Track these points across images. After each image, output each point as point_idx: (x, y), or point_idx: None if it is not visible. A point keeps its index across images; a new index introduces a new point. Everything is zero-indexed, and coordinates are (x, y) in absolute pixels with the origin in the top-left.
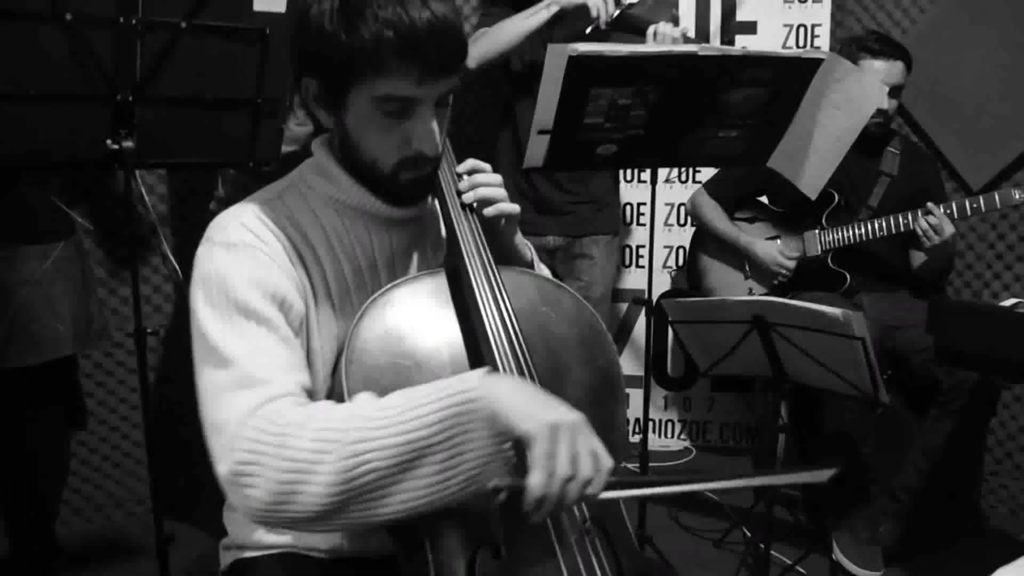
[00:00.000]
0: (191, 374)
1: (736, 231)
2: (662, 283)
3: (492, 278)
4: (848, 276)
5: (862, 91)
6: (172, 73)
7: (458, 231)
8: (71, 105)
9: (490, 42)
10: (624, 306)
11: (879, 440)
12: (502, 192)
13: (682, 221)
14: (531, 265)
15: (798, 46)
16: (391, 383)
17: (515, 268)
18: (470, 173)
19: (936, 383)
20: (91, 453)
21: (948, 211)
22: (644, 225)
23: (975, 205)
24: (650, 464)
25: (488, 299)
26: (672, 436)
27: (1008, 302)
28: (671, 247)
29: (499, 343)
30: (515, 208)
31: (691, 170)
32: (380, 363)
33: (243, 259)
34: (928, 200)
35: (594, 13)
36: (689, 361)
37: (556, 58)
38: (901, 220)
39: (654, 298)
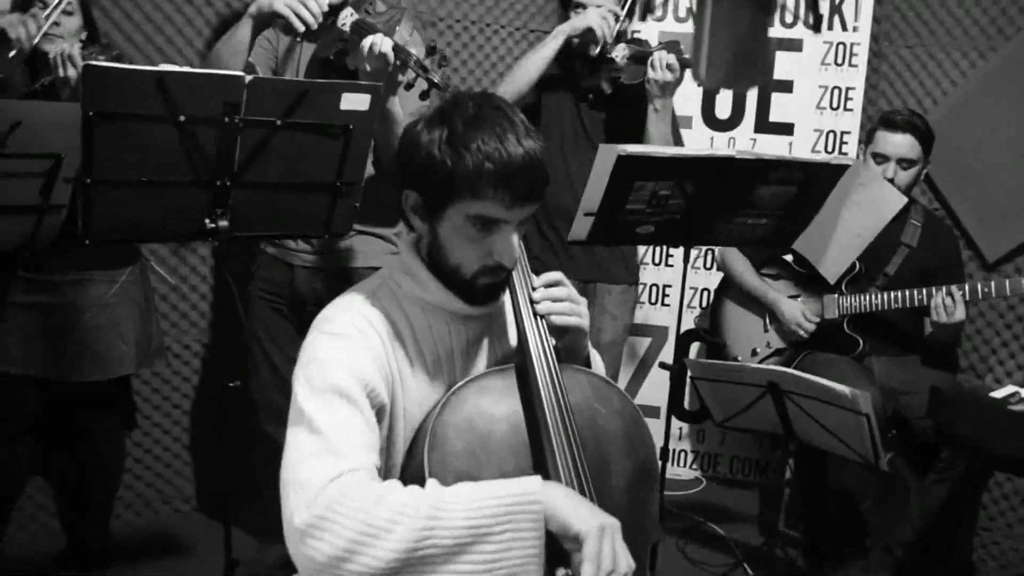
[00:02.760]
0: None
1: (764, 286)
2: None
3: (554, 378)
4: (862, 341)
5: (883, 197)
6: (265, 162)
7: (528, 335)
8: (177, 189)
9: (513, 83)
10: (647, 341)
11: (878, 497)
12: (575, 308)
13: (708, 265)
14: (588, 361)
15: (827, 151)
16: (464, 468)
17: (573, 366)
18: (548, 286)
19: (936, 448)
20: (145, 453)
21: (960, 291)
22: (672, 266)
23: (986, 290)
24: (664, 493)
25: (550, 396)
26: (684, 465)
27: (1003, 391)
28: (696, 288)
29: (557, 436)
30: (583, 323)
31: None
32: (456, 449)
33: (343, 348)
34: (944, 274)
35: (599, 33)
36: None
37: (606, 156)
38: (917, 295)
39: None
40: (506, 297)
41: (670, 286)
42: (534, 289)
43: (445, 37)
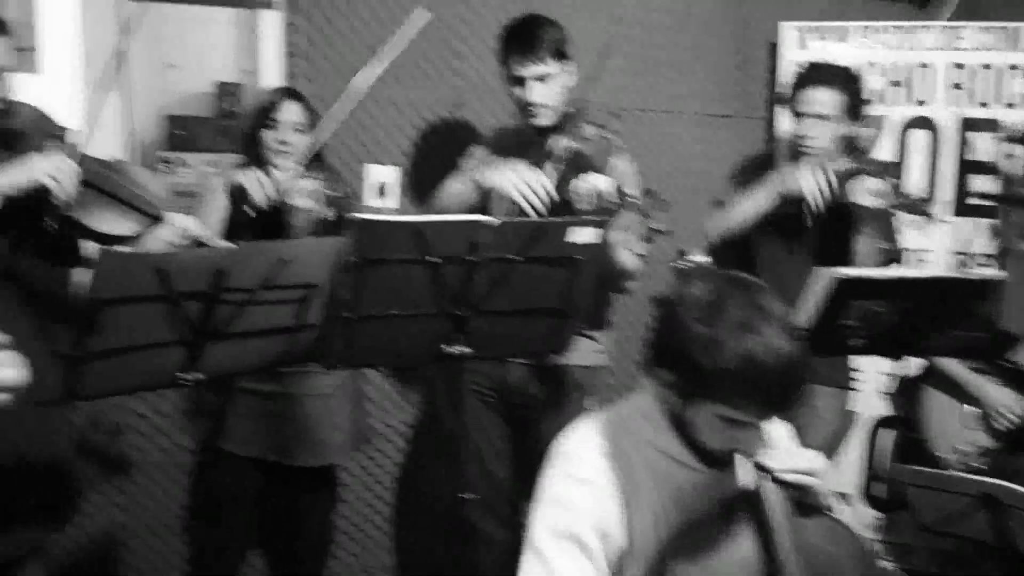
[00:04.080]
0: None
1: (968, 372)
2: (877, 405)
3: (786, 525)
4: None
5: None
6: (500, 291)
7: (764, 496)
8: (422, 320)
9: (723, 225)
10: None
11: None
12: (813, 468)
13: None
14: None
15: None
16: None
17: (807, 512)
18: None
19: None
20: (352, 526)
21: None
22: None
23: None
24: None
25: (785, 549)
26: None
27: None
28: (891, 375)
29: None
30: (819, 483)
31: None
32: None
33: (587, 495)
34: None
35: (811, 201)
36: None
37: (822, 278)
38: None
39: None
40: None
41: (858, 371)
42: (771, 451)
43: (628, 126)
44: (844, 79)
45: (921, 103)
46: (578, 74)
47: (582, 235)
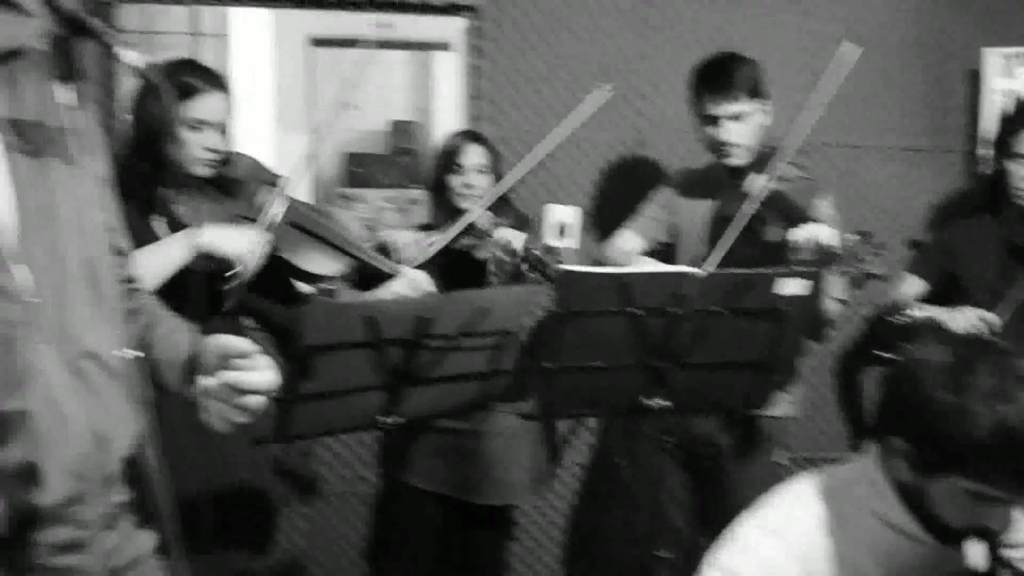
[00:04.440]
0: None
1: None
2: None
3: None
4: None
5: None
6: (703, 344)
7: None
8: (621, 371)
9: None
10: None
11: None
12: None
13: None
14: None
15: None
16: None
17: None
18: None
19: None
20: (521, 564)
21: None
22: None
23: None
24: None
25: None
26: None
27: None
28: None
29: None
30: None
31: None
32: None
33: (790, 558)
34: None
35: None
36: None
37: None
38: None
39: None
40: None
41: None
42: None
43: (813, 161)
44: None
45: None
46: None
47: (791, 286)
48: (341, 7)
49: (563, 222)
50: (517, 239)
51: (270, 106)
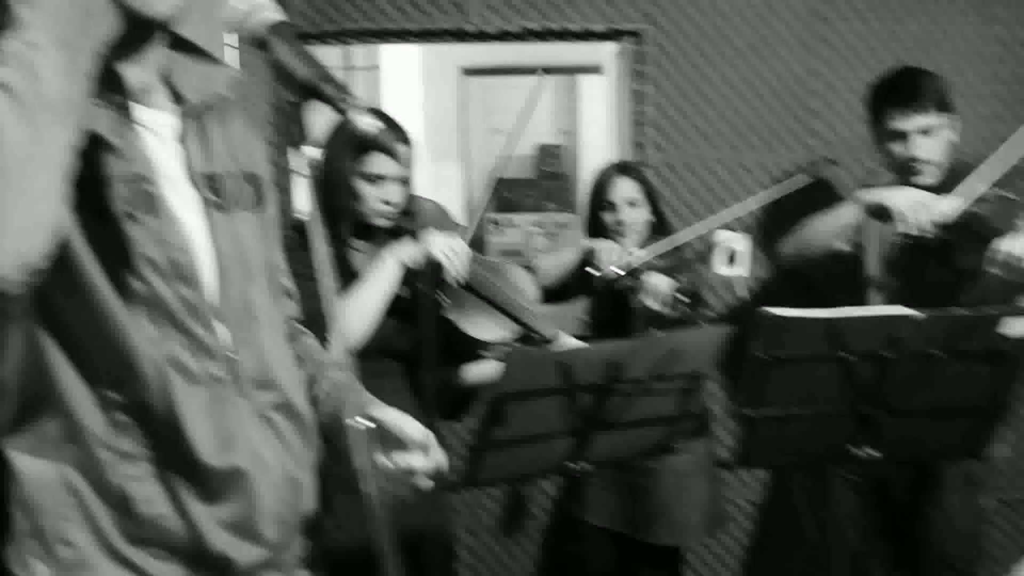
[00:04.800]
0: None
1: None
2: None
3: None
4: None
5: None
6: (918, 390)
7: None
8: (827, 419)
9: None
10: None
11: None
12: None
13: None
14: None
15: None
16: None
17: None
18: None
19: None
20: None
21: None
22: None
23: None
24: None
25: None
26: None
27: None
28: None
29: None
30: None
31: None
32: None
33: None
34: None
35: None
36: None
37: None
38: None
39: None
40: None
41: None
42: None
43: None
44: None
45: None
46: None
47: (1020, 327)
48: (501, 39)
49: (733, 249)
50: (664, 285)
51: (421, 137)
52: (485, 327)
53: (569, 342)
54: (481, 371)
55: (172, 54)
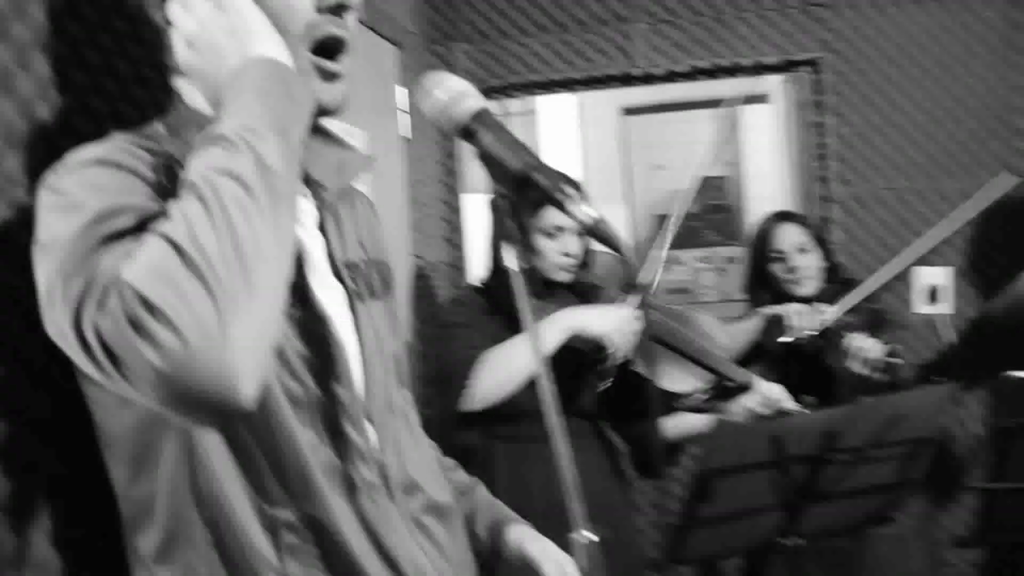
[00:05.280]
0: None
1: None
2: None
3: None
4: None
5: None
6: None
7: None
8: None
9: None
10: None
11: None
12: None
13: None
14: None
15: None
16: None
17: None
18: None
19: None
20: None
21: None
22: None
23: None
24: None
25: None
26: None
27: None
28: None
29: None
30: None
31: None
32: None
33: None
34: None
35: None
36: None
37: None
38: None
39: None
40: None
41: None
42: None
43: None
44: None
45: None
46: None
47: None
48: (669, 81)
49: (934, 284)
50: (875, 349)
51: (582, 179)
52: (678, 378)
53: (766, 387)
54: (679, 425)
55: (307, 140)
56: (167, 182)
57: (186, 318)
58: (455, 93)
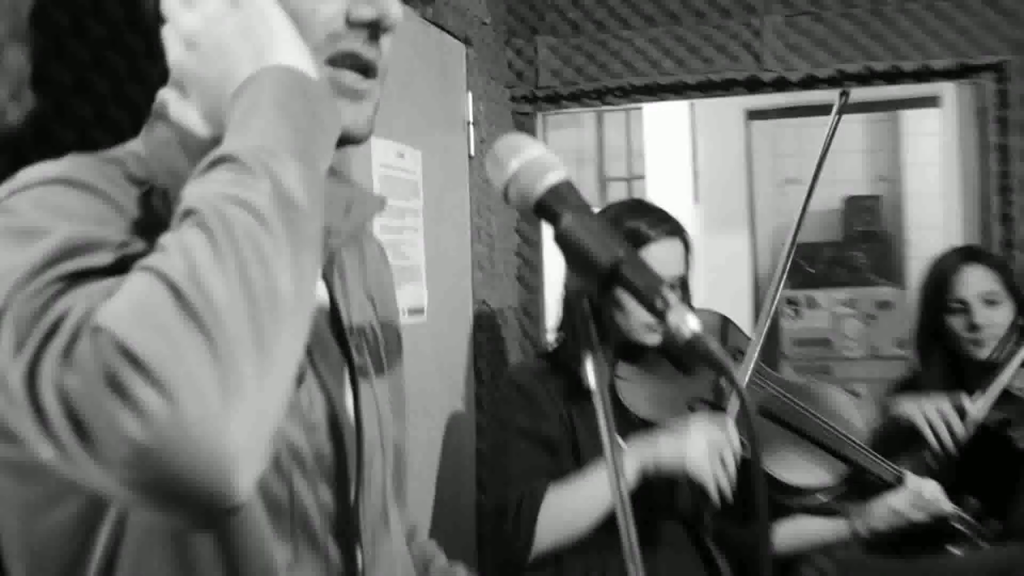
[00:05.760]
0: None
1: None
2: None
3: None
4: None
5: None
6: None
7: None
8: None
9: None
10: None
11: None
12: None
13: None
14: None
15: None
16: None
17: None
18: None
19: None
20: None
21: None
22: None
23: None
24: None
25: None
26: None
27: None
28: None
29: None
30: None
31: None
32: None
33: None
34: None
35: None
36: None
37: None
38: None
39: None
40: None
41: None
42: None
43: None
44: None
45: None
46: None
47: None
48: (807, 87)
49: None
50: None
51: (691, 191)
52: (803, 469)
53: (918, 483)
54: (800, 532)
55: None
56: (146, 216)
57: (180, 378)
58: (525, 161)
